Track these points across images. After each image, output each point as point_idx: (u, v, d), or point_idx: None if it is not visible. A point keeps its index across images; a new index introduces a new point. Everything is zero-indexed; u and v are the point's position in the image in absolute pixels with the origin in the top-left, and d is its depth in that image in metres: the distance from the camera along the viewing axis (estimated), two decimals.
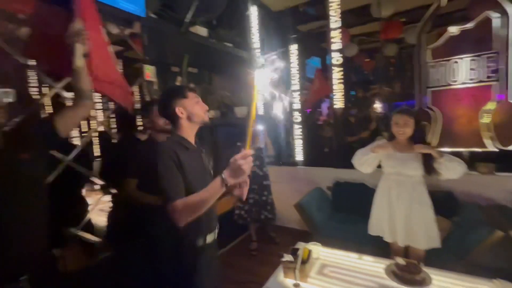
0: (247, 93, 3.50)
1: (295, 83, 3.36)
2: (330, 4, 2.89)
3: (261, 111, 3.58)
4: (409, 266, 1.61)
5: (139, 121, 2.22)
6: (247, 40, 3.53)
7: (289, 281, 1.65)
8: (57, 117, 1.15)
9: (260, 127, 2.85)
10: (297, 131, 3.42)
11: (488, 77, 2.28)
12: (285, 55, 3.43)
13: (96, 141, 4.19)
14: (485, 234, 1.85)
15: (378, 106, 4.30)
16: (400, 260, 1.65)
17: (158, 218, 1.17)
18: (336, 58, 2.94)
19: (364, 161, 1.94)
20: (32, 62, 1.76)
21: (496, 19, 2.20)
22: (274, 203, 3.08)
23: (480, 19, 2.26)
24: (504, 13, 2.15)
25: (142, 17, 2.07)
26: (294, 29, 3.88)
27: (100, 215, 2.51)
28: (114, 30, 2.13)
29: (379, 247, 2.14)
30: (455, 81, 2.39)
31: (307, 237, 2.67)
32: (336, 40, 2.91)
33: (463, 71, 2.36)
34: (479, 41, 2.27)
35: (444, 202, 2.26)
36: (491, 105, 2.27)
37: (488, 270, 1.70)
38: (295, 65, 3.32)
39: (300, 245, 2.04)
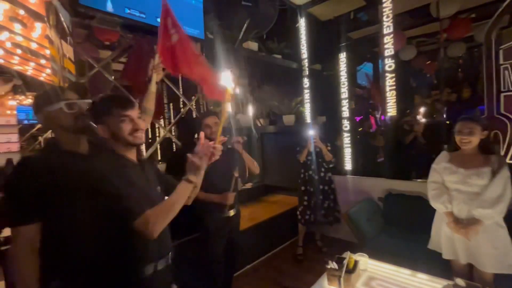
0: (297, 102, 3.59)
1: (344, 91, 3.32)
2: (383, 9, 2.81)
3: (308, 119, 3.61)
4: None
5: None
6: (296, 51, 3.64)
7: None
8: None
9: (310, 133, 2.89)
10: (346, 139, 3.35)
11: None
12: (335, 64, 3.42)
13: (159, 146, 4.76)
14: None
15: (421, 113, 3.85)
16: (461, 282, 1.51)
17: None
18: (388, 64, 2.83)
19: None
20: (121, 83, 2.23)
21: None
22: (336, 210, 3.11)
23: None
24: None
25: (201, 39, 2.36)
26: (345, 37, 3.84)
27: None
28: None
29: (437, 267, 1.97)
30: None
31: (355, 249, 2.58)
32: (388, 45, 2.81)
33: None
34: None
35: None
36: None
37: None
38: (344, 73, 3.28)
39: (347, 255, 2.01)
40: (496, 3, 3.60)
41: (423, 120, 4.88)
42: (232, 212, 2.06)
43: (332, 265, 1.72)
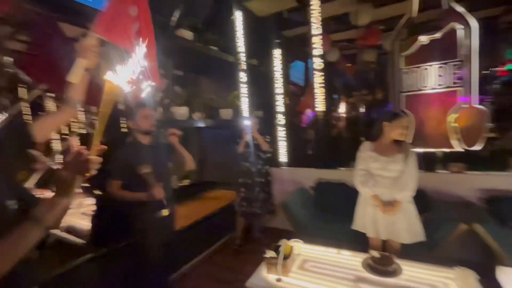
0: (234, 96, 3.58)
1: (279, 87, 3.47)
2: (312, 12, 3.02)
3: (246, 112, 3.66)
4: (382, 258, 1.73)
5: (123, 123, 2.24)
6: (232, 44, 3.61)
7: (272, 277, 1.73)
8: (36, 122, 1.10)
9: (246, 123, 2.91)
10: (281, 133, 3.52)
11: (454, 83, 2.48)
12: (269, 60, 3.53)
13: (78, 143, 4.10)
14: (451, 228, 2.01)
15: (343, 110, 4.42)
16: (375, 253, 1.77)
17: None
18: (317, 63, 3.07)
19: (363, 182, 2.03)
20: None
21: (460, 30, 2.40)
22: (269, 202, 3.20)
23: (447, 29, 2.46)
24: (467, 25, 2.35)
25: None
26: (279, 34, 4.00)
27: (83, 218, 2.49)
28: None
29: (358, 243, 2.26)
30: (425, 87, 2.58)
31: (291, 236, 2.76)
32: (317, 45, 3.05)
33: (432, 77, 2.55)
34: (446, 50, 2.47)
35: (417, 199, 2.41)
36: (457, 109, 2.46)
37: (456, 261, 1.85)
38: (279, 69, 3.43)
39: (283, 242, 2.12)
40: (400, 17, 4.33)
41: (344, 116, 5.54)
42: (165, 212, 1.92)
43: (270, 253, 1.79)
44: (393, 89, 2.70)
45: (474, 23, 2.33)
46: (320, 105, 3.14)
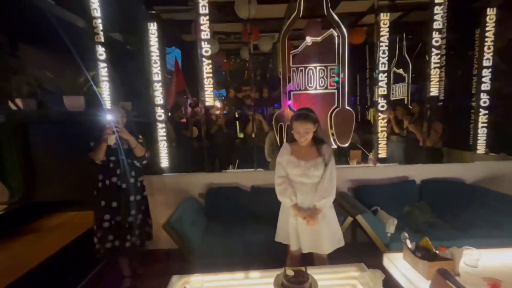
0: (85, 77, 2.50)
1: (157, 72, 2.73)
2: None
3: (108, 103, 2.66)
4: (297, 275, 1.55)
5: None
6: (82, 3, 2.50)
7: None
8: None
9: (109, 119, 2.04)
10: (161, 131, 2.81)
11: (331, 85, 2.71)
12: (143, 36, 2.70)
13: None
14: (342, 221, 2.13)
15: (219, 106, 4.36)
16: (289, 272, 1.56)
17: None
18: (205, 48, 2.60)
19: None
20: None
21: (337, 37, 2.63)
22: (148, 224, 2.39)
23: (327, 34, 2.64)
24: (341, 33, 2.60)
25: None
26: (150, 7, 3.19)
27: None
28: None
29: (263, 253, 2.04)
30: (311, 87, 2.69)
31: (179, 259, 2.20)
32: (205, 28, 2.57)
33: (316, 78, 2.68)
34: (326, 54, 2.65)
35: None
36: (333, 110, 2.72)
37: (347, 246, 1.94)
38: (156, 49, 2.68)
39: (176, 282, 1.57)
40: (279, 20, 4.55)
41: (223, 112, 5.38)
42: None
43: None
44: (283, 87, 2.66)
45: (345, 32, 2.60)
46: (208, 98, 2.69)
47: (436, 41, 2.76)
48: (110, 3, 2.69)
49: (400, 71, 4.85)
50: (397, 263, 1.69)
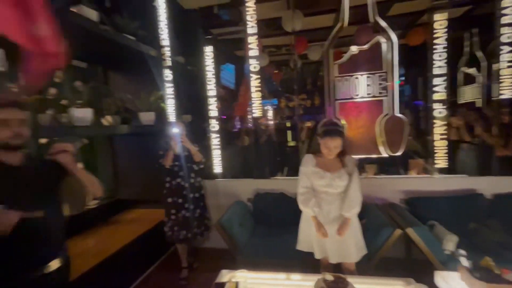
0: (157, 97, 3.00)
1: (211, 89, 3.09)
2: (247, 9, 2.78)
3: (172, 117, 3.12)
4: (337, 281, 1.58)
5: None
6: (154, 35, 3.03)
7: None
8: None
9: (175, 132, 2.45)
10: (215, 140, 3.15)
11: (380, 93, 2.64)
12: (201, 59, 3.11)
13: None
14: (389, 234, 2.05)
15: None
16: (328, 277, 1.61)
17: None
18: (253, 65, 2.85)
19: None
20: None
21: (384, 43, 2.57)
22: (206, 217, 2.80)
23: (373, 42, 2.60)
24: (389, 39, 2.53)
25: None
26: (208, 32, 3.62)
27: None
28: None
29: (306, 259, 2.10)
30: (357, 95, 2.67)
31: (228, 258, 2.42)
32: (253, 46, 2.82)
33: (362, 86, 2.66)
34: (373, 61, 2.61)
35: None
36: (382, 118, 2.63)
37: (388, 261, 1.88)
38: (211, 69, 3.06)
39: (224, 276, 1.77)
40: (325, 29, 4.59)
41: (273, 121, 5.58)
42: (53, 265, 1.29)
43: None
44: (329, 97, 2.71)
45: (394, 38, 2.52)
46: (257, 110, 2.92)
47: (509, 37, 2.44)
48: (175, 32, 3.18)
49: (472, 70, 4.31)
50: (451, 283, 1.57)
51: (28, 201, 1.20)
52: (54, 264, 1.30)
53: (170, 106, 3.13)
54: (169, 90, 3.11)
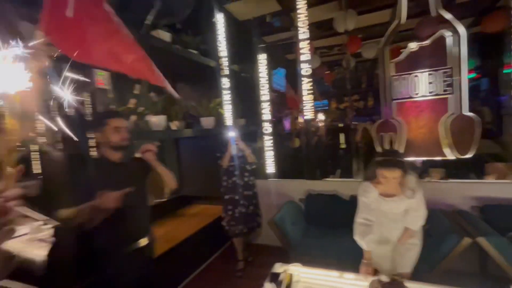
0: (216, 103, 3.32)
1: (265, 94, 3.28)
2: (299, 16, 2.89)
3: (228, 121, 3.41)
4: (392, 283, 1.56)
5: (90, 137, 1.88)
6: (213, 48, 3.37)
7: None
8: None
9: (231, 135, 2.69)
10: (267, 142, 3.31)
11: (444, 90, 2.44)
12: (254, 65, 3.33)
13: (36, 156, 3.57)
14: (455, 242, 1.90)
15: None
16: (384, 278, 1.60)
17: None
18: (305, 69, 2.93)
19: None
20: None
21: (449, 37, 2.37)
22: (258, 214, 2.99)
23: (436, 36, 2.42)
24: (455, 32, 2.33)
25: None
26: (260, 40, 3.84)
27: (40, 247, 2.06)
28: None
29: (358, 261, 2.09)
30: (417, 94, 2.52)
31: (280, 254, 2.53)
32: (304, 51, 2.91)
33: (423, 84, 2.49)
34: (436, 57, 2.43)
35: None
36: (448, 117, 2.42)
37: (457, 275, 1.74)
38: (265, 75, 3.25)
39: (279, 268, 1.89)
40: (379, 25, 4.39)
41: (324, 123, 5.50)
42: (143, 242, 1.60)
43: (270, 286, 1.54)
44: (384, 97, 2.62)
45: (462, 30, 2.31)
46: (309, 112, 2.98)
47: None
48: (231, 43, 3.47)
49: None
50: None
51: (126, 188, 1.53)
52: (143, 241, 1.61)
53: (227, 111, 3.41)
54: (226, 96, 3.40)
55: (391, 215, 1.75)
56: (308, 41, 2.88)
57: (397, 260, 1.79)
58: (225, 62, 3.35)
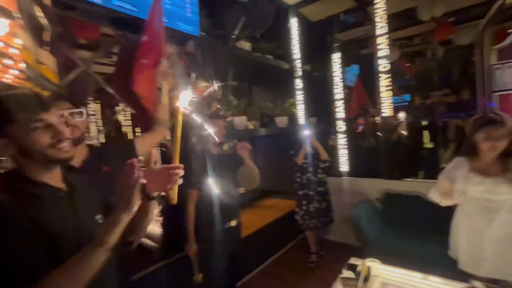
0: (290, 103, 3.52)
1: (338, 92, 3.30)
2: (376, 10, 2.81)
3: (302, 120, 3.55)
4: None
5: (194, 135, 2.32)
6: (288, 51, 3.57)
7: None
8: (138, 140, 1.28)
9: (305, 133, 2.83)
10: (341, 140, 3.32)
11: None
12: (327, 64, 3.39)
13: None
14: None
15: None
16: (478, 285, 1.48)
17: None
18: (383, 64, 2.83)
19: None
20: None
21: None
22: (331, 210, 3.07)
23: None
24: None
25: (195, 36, 2.19)
26: (334, 38, 3.84)
27: (154, 224, 2.63)
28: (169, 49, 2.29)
29: (449, 269, 1.94)
30: None
31: (352, 251, 2.53)
32: (382, 46, 2.81)
33: None
34: None
35: None
36: None
37: None
38: (338, 73, 3.26)
39: (355, 261, 1.93)
40: (476, 7, 3.80)
41: (403, 120, 5.01)
42: (234, 222, 1.93)
43: (347, 273, 1.63)
44: (483, 88, 2.32)
45: None
46: (387, 109, 2.87)
47: None
48: (304, 45, 3.60)
49: None
50: None
51: (222, 177, 1.87)
52: (233, 222, 1.93)
53: (300, 111, 3.56)
54: (299, 96, 3.55)
55: (492, 201, 1.51)
56: (387, 36, 2.77)
57: (499, 263, 1.57)
58: (298, 63, 3.51)
